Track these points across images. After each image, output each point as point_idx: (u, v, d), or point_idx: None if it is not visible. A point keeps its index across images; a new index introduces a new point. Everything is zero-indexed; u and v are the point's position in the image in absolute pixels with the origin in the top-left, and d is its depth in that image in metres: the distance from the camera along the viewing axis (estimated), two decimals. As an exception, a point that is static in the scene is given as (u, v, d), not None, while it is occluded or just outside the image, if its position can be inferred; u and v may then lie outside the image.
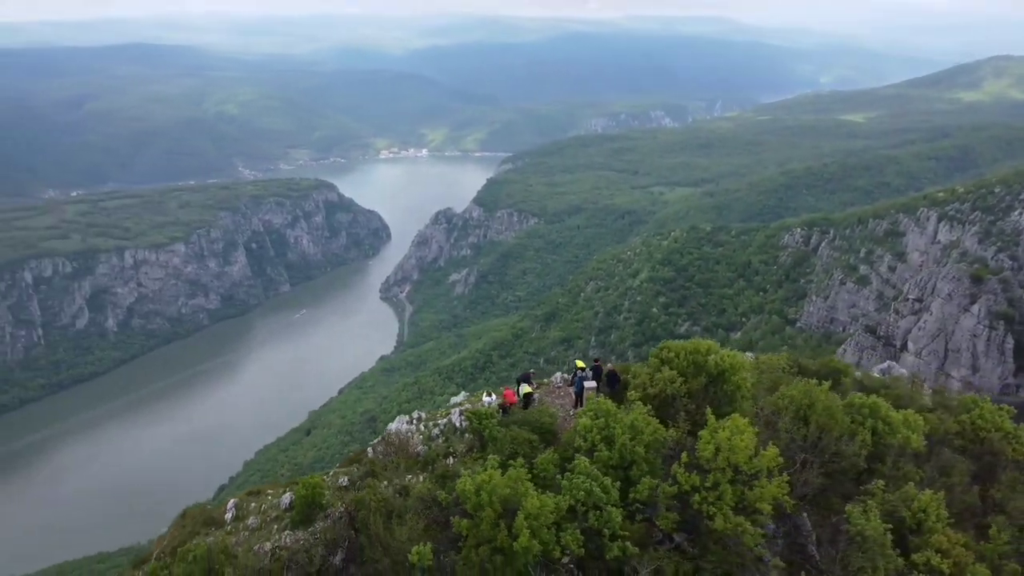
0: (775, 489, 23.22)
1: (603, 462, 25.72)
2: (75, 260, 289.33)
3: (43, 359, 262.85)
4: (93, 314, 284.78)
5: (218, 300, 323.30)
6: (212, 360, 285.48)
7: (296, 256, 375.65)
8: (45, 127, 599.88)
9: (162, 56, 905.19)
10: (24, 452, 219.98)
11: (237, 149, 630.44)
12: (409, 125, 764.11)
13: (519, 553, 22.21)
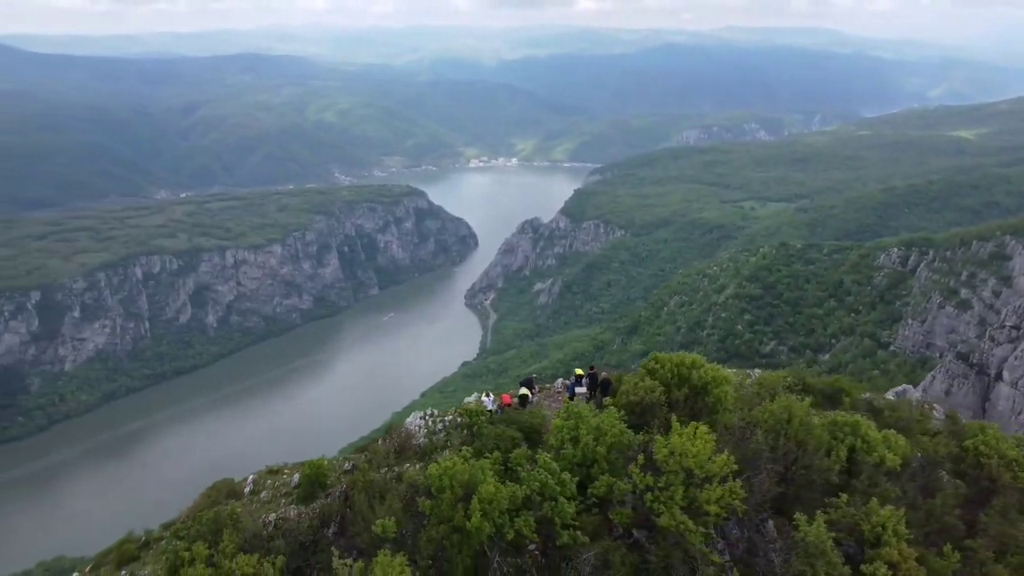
0: (721, 492, 24.85)
1: (568, 459, 28.15)
2: (181, 258, 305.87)
3: (149, 351, 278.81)
4: (195, 310, 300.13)
5: (311, 301, 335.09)
6: (303, 359, 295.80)
7: (386, 260, 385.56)
8: (161, 132, 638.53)
9: (269, 66, 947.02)
10: (129, 438, 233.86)
11: (334, 155, 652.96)
12: (500, 135, 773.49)
13: (473, 533, 24.65)
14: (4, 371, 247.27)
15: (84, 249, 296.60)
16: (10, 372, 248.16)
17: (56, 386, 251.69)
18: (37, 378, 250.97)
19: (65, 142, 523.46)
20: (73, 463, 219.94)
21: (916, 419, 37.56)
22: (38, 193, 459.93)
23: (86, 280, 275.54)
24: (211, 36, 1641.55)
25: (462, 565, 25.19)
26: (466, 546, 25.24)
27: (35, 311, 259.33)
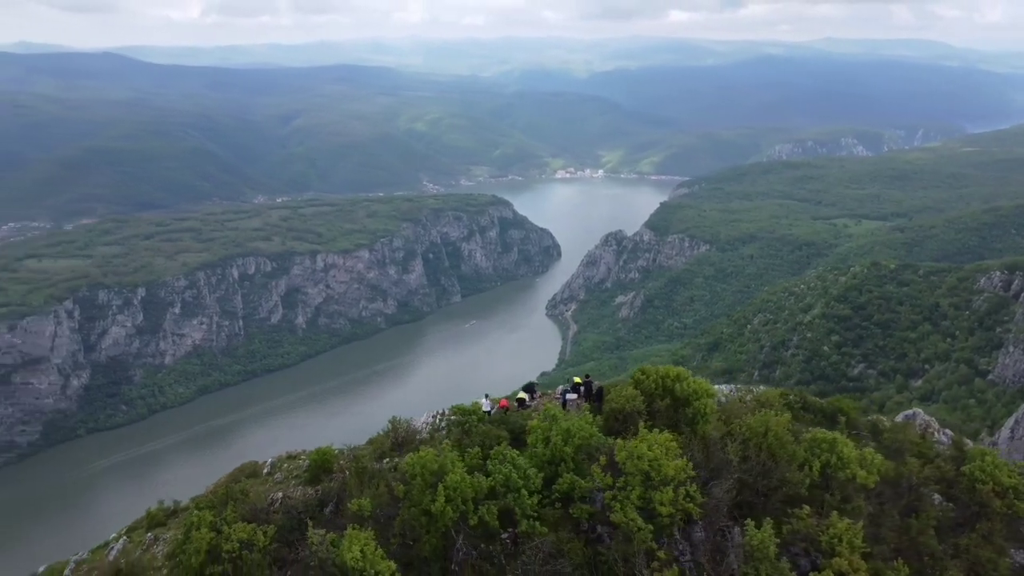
0: (673, 494, 27.04)
1: (539, 457, 30.86)
2: (275, 260, 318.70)
3: (241, 348, 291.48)
4: (286, 311, 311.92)
5: (395, 306, 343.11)
6: (386, 362, 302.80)
7: (469, 269, 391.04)
8: (261, 139, 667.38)
9: (364, 77, 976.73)
10: (220, 430, 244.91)
11: (423, 164, 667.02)
12: (586, 146, 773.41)
13: (438, 516, 27.66)
14: (111, 362, 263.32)
15: (187, 249, 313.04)
16: (116, 363, 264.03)
17: (156, 378, 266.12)
18: (140, 370, 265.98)
19: (174, 147, 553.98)
20: (169, 451, 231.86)
21: (913, 441, 38.25)
22: (148, 195, 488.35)
23: (187, 279, 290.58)
24: (311, 48, 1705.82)
25: (429, 545, 28.15)
26: (433, 528, 28.11)
27: (140, 307, 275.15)
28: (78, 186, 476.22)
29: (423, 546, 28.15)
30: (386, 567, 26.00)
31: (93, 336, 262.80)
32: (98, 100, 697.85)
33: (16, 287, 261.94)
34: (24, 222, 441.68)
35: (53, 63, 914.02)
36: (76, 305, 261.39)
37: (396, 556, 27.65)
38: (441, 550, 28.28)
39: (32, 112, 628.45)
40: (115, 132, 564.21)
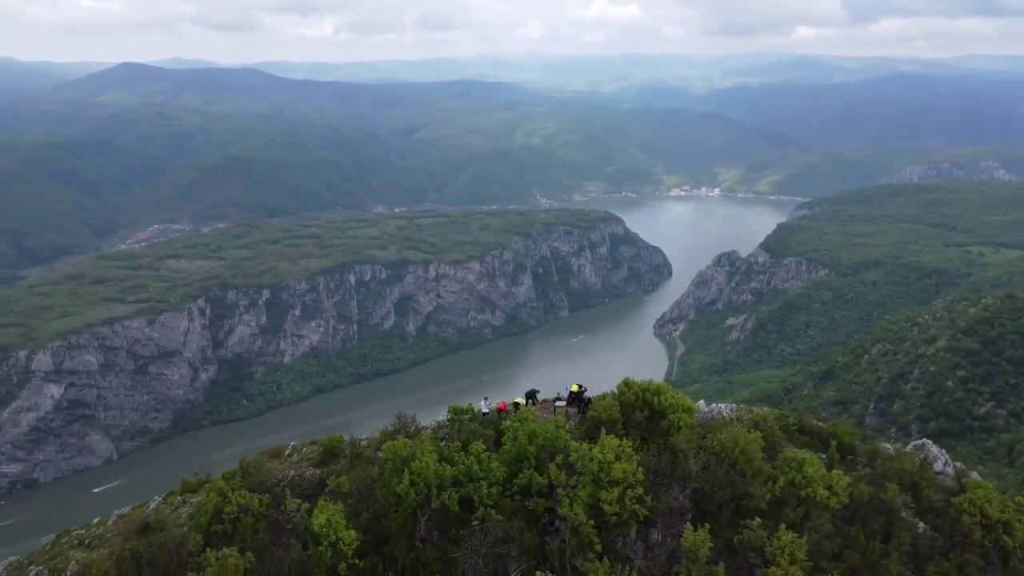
0: (618, 495, 29.50)
1: (506, 454, 34.01)
2: (390, 268, 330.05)
3: (355, 352, 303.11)
4: (398, 317, 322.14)
5: (503, 317, 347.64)
6: (492, 372, 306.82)
7: (578, 284, 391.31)
8: (383, 151, 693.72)
9: (484, 92, 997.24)
10: (332, 429, 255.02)
11: (537, 178, 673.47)
12: (702, 164, 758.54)
13: (404, 496, 31.32)
14: (236, 359, 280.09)
15: (309, 255, 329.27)
16: (241, 360, 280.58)
17: (276, 376, 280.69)
18: (261, 367, 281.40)
19: (304, 158, 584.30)
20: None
21: (907, 470, 38.99)
22: (277, 202, 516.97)
23: (308, 283, 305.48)
24: (434, 63, 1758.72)
25: (396, 522, 31.92)
26: (400, 508, 31.87)
27: (264, 307, 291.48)
28: (216, 192, 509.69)
29: (391, 522, 32.06)
30: (348, 536, 29.94)
31: (221, 333, 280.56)
32: (238, 112, 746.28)
33: (157, 284, 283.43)
34: (167, 224, 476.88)
35: (200, 78, 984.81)
36: (208, 304, 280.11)
37: (369, 529, 31.98)
38: (407, 528, 31.83)
39: (179, 123, 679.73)
40: (251, 142, 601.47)
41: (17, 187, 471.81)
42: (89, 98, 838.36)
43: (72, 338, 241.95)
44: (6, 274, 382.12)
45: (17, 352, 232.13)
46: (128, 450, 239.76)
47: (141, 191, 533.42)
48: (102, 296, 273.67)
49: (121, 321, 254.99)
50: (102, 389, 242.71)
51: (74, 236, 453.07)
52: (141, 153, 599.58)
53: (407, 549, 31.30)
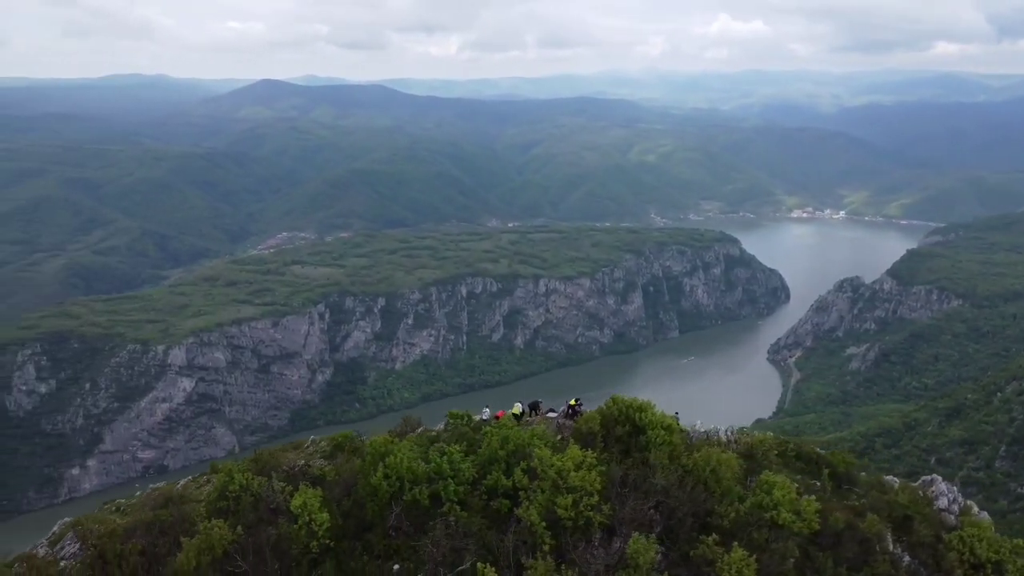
0: (573, 500, 31.79)
1: (480, 457, 36.83)
2: (500, 282, 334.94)
3: (463, 362, 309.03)
4: (506, 330, 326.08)
5: (611, 335, 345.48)
6: (599, 389, 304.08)
7: (689, 305, 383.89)
8: (501, 166, 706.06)
9: (601, 109, 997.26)
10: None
11: (652, 196, 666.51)
12: (827, 185, 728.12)
13: (378, 488, 34.61)
14: (351, 363, 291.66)
15: (424, 265, 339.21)
16: (355, 364, 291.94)
17: (387, 382, 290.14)
18: (373, 372, 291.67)
19: (424, 172, 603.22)
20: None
21: (898, 502, 39.14)
22: (397, 214, 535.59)
23: (421, 293, 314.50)
24: (554, 81, 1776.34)
25: (371, 511, 35.10)
26: (376, 498, 35.00)
27: (379, 315, 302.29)
28: (340, 203, 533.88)
29: (368, 511, 35.39)
30: (320, 517, 33.29)
31: (338, 338, 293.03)
32: (364, 127, 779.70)
33: (282, 289, 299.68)
34: (295, 232, 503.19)
35: (331, 94, 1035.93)
36: (327, 309, 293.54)
37: (350, 515, 35.69)
38: (382, 517, 34.97)
39: (310, 137, 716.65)
40: (375, 156, 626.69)
41: (164, 194, 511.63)
42: (230, 112, 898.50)
43: (204, 336, 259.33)
44: (151, 274, 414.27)
45: (156, 347, 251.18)
46: (249, 444, 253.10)
47: (273, 200, 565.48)
48: (233, 298, 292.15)
49: (248, 322, 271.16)
50: (228, 385, 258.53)
51: (211, 241, 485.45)
52: (275, 164, 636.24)
53: (382, 536, 34.54)
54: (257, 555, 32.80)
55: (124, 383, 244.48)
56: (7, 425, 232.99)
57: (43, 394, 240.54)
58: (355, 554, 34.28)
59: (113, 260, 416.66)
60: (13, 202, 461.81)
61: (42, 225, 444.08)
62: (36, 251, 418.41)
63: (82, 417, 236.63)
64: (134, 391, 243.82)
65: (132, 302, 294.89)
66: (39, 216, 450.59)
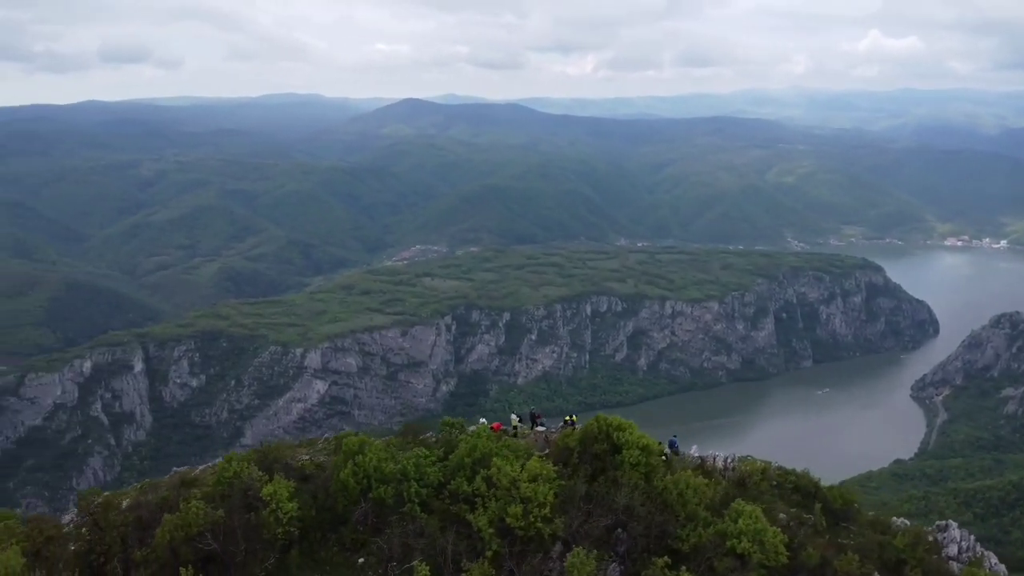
0: (520, 511, 33.34)
1: (451, 462, 39.44)
2: (626, 301, 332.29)
3: (585, 380, 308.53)
4: (630, 351, 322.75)
5: (739, 361, 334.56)
6: (724, 417, 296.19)
7: (825, 334, 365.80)
8: (631, 185, 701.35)
9: (739, 129, 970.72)
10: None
11: (789, 219, 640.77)
12: (986, 211, 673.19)
13: (346, 484, 37.42)
14: (474, 375, 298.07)
15: (549, 282, 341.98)
16: (478, 376, 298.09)
17: (508, 395, 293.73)
18: (495, 385, 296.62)
19: (554, 189, 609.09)
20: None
21: (893, 545, 38.34)
22: (526, 230, 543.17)
23: (546, 309, 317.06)
24: (690, 100, 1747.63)
25: (340, 506, 37.91)
26: (345, 494, 37.79)
27: (503, 329, 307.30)
28: (472, 218, 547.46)
29: (338, 505, 38.08)
30: (287, 506, 35.92)
31: (463, 350, 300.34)
32: (499, 144, 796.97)
33: (412, 299, 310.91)
34: (428, 245, 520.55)
35: (468, 112, 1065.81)
36: (454, 321, 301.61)
37: (325, 508, 38.40)
38: (350, 512, 37.71)
39: (446, 153, 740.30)
40: (508, 173, 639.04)
41: (311, 206, 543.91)
42: (375, 129, 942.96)
43: (338, 341, 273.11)
44: (295, 280, 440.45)
45: (295, 349, 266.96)
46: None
47: (409, 214, 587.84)
48: (366, 306, 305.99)
49: (379, 330, 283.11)
50: (358, 390, 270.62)
51: (351, 251, 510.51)
52: (412, 180, 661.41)
53: (351, 530, 37.38)
54: (228, 536, 35.13)
55: (265, 382, 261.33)
56: (163, 414, 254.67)
57: (194, 388, 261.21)
58: (327, 545, 37.05)
59: (262, 266, 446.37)
60: (180, 210, 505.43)
61: (203, 232, 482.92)
62: (196, 255, 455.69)
63: (226, 411, 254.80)
64: (273, 390, 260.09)
65: (276, 306, 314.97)
66: (200, 223, 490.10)
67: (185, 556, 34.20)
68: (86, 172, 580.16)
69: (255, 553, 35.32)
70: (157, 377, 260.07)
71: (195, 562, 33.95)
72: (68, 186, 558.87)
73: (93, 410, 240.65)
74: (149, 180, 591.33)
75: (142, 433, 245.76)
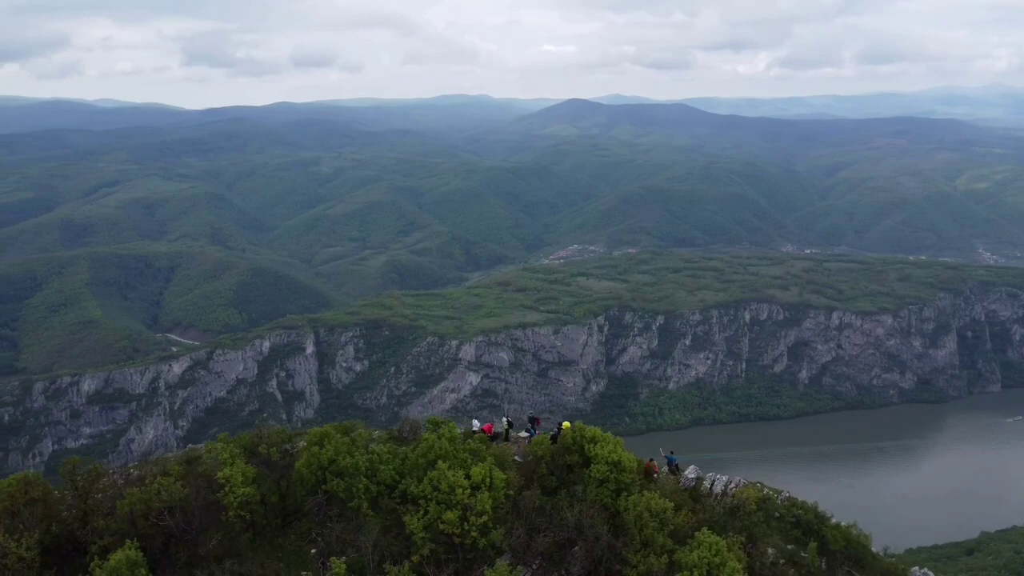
0: (454, 517, 33.14)
1: (409, 462, 39.26)
2: (788, 310, 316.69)
3: (739, 390, 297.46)
4: (790, 362, 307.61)
5: (913, 381, 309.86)
6: (893, 440, 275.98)
7: (1017, 356, 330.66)
8: (801, 189, 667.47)
9: (927, 130, 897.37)
10: (700, 464, 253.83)
11: (980, 229, 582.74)
12: None
13: (302, 474, 38.78)
14: (625, 377, 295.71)
15: (706, 287, 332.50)
16: (629, 379, 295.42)
17: (659, 400, 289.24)
18: (646, 389, 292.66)
19: (717, 192, 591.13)
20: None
21: None
22: (685, 233, 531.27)
23: (702, 314, 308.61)
24: (870, 99, 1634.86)
25: (299, 494, 38.71)
26: (304, 483, 38.66)
27: (656, 332, 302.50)
28: (631, 219, 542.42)
29: (296, 495, 38.87)
30: (240, 489, 36.50)
31: (614, 351, 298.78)
32: (661, 145, 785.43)
33: (566, 299, 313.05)
34: (585, 245, 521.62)
35: (632, 112, 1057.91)
36: (606, 321, 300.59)
37: (287, 496, 39.32)
38: (302, 501, 38.43)
39: (608, 154, 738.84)
40: (669, 174, 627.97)
41: (473, 203, 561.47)
42: (538, 129, 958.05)
43: (492, 336, 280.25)
44: (455, 275, 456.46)
45: (451, 341, 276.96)
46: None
47: (568, 214, 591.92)
48: (520, 303, 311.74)
49: (532, 327, 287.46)
50: (509, 384, 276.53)
51: (509, 248, 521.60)
52: (573, 179, 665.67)
53: (309, 520, 38.22)
54: (186, 515, 36.68)
55: (421, 371, 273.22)
56: (329, 395, 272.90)
57: (358, 372, 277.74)
58: (287, 533, 37.64)
59: (425, 260, 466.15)
60: (355, 204, 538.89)
61: (373, 225, 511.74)
62: (366, 248, 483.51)
63: (386, 396, 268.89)
64: (429, 379, 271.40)
65: (435, 299, 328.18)
66: (372, 217, 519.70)
67: (144, 530, 35.91)
68: (274, 168, 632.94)
69: (207, 533, 36.83)
70: (325, 360, 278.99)
71: (154, 536, 36.00)
72: (258, 180, 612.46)
73: (269, 386, 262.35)
74: (328, 176, 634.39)
75: (310, 411, 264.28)
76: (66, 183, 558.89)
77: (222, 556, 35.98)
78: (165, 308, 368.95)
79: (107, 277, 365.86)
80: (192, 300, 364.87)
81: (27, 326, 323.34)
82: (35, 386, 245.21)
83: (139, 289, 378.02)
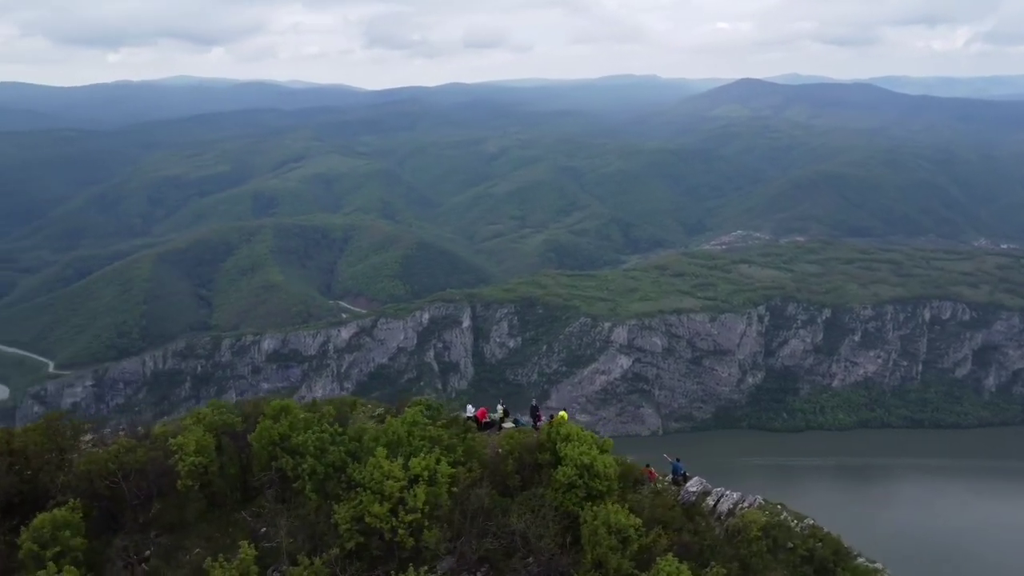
0: (382, 510, 30.50)
1: (362, 445, 36.76)
2: (976, 310, 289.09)
3: (913, 393, 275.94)
4: (975, 368, 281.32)
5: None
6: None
7: None
8: (1001, 178, 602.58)
9: None
10: (861, 469, 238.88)
11: None
12: None
13: (254, 449, 37.45)
14: (784, 371, 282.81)
15: (881, 280, 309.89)
16: (788, 373, 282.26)
17: (821, 398, 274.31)
18: (807, 385, 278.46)
19: (901, 179, 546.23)
20: (805, 473, 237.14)
21: None
22: (861, 222, 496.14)
23: (874, 310, 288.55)
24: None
25: (258, 464, 37.31)
26: (258, 459, 37.35)
27: (822, 326, 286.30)
28: (801, 205, 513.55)
29: (255, 468, 37.55)
30: (191, 459, 35.08)
31: (774, 343, 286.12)
32: (839, 128, 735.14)
33: (725, 286, 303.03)
34: (749, 231, 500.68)
35: (809, 93, 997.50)
36: (767, 312, 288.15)
37: (247, 467, 38.19)
38: (259, 475, 37.34)
39: (780, 136, 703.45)
40: (846, 159, 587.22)
41: (634, 185, 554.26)
42: (706, 111, 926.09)
43: (646, 320, 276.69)
44: (612, 257, 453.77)
45: (603, 323, 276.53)
46: (672, 430, 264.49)
47: (733, 198, 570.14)
48: (677, 288, 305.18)
49: (687, 313, 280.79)
50: (661, 370, 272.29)
51: (668, 232, 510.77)
52: (740, 162, 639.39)
53: (270, 486, 37.01)
54: (142, 480, 36.78)
55: (573, 351, 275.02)
56: (483, 368, 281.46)
57: (511, 348, 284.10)
58: (245, 507, 36.46)
59: (583, 240, 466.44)
60: (517, 183, 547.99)
61: (534, 204, 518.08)
62: (526, 226, 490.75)
63: (536, 374, 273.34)
64: (579, 359, 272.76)
65: (590, 280, 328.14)
66: (532, 196, 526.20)
67: (99, 489, 36.52)
68: (443, 147, 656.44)
69: (161, 500, 37.02)
70: (480, 334, 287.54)
71: (110, 499, 36.69)
72: (427, 158, 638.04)
73: (427, 356, 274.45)
74: (493, 155, 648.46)
75: (464, 383, 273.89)
76: (258, 158, 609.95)
77: (175, 525, 35.31)
78: (338, 276, 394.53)
79: (289, 246, 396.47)
80: (362, 270, 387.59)
81: (220, 287, 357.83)
82: (223, 343, 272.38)
83: (316, 258, 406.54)
